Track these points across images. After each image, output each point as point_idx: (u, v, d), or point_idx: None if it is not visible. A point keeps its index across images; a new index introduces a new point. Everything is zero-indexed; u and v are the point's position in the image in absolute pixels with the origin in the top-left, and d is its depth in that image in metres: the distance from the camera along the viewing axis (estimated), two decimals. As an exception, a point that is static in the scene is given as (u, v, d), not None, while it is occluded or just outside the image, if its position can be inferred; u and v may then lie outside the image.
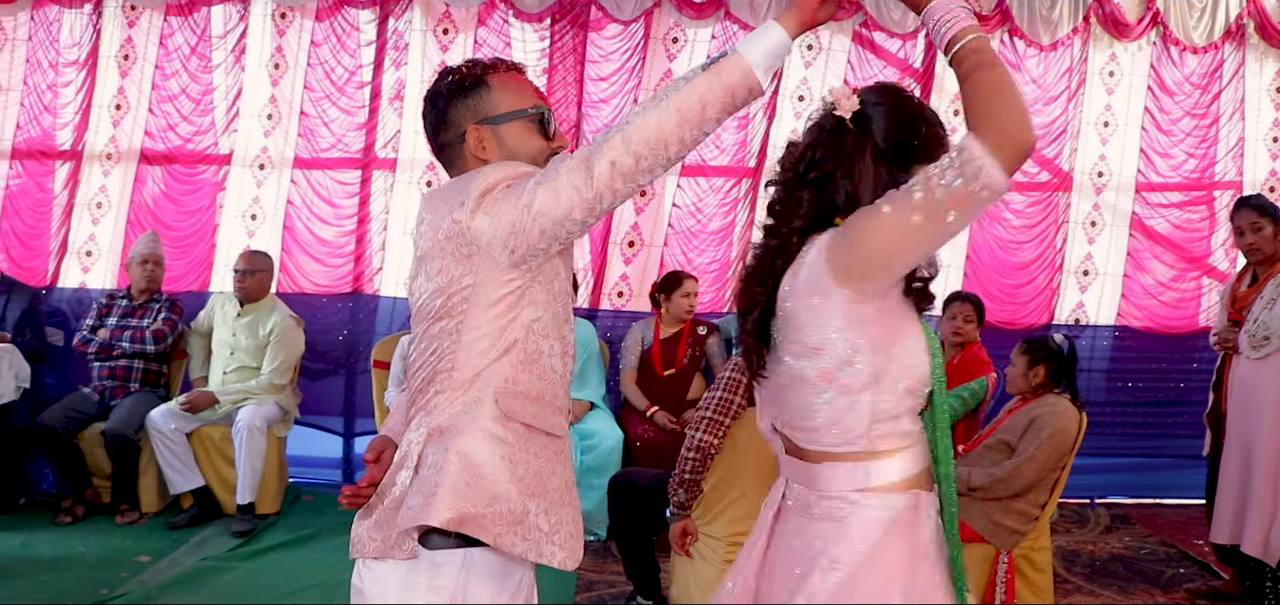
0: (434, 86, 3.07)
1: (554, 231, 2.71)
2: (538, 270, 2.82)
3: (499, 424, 2.79)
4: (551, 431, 2.89)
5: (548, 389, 2.90)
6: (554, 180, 2.70)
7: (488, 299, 2.81)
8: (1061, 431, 5.57)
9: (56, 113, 8.80)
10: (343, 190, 8.86)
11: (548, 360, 2.90)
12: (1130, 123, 9.13)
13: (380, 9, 8.81)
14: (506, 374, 2.82)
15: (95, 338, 7.91)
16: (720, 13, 8.77)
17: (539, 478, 2.83)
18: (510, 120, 2.99)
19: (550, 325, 2.90)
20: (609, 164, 2.64)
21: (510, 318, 2.82)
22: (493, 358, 2.82)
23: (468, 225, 2.76)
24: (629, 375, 8.11)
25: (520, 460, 2.80)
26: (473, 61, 3.08)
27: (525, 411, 2.83)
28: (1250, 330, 5.96)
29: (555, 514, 2.85)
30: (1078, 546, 7.74)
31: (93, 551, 7.04)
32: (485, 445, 2.77)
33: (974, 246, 9.02)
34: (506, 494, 2.76)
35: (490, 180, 2.79)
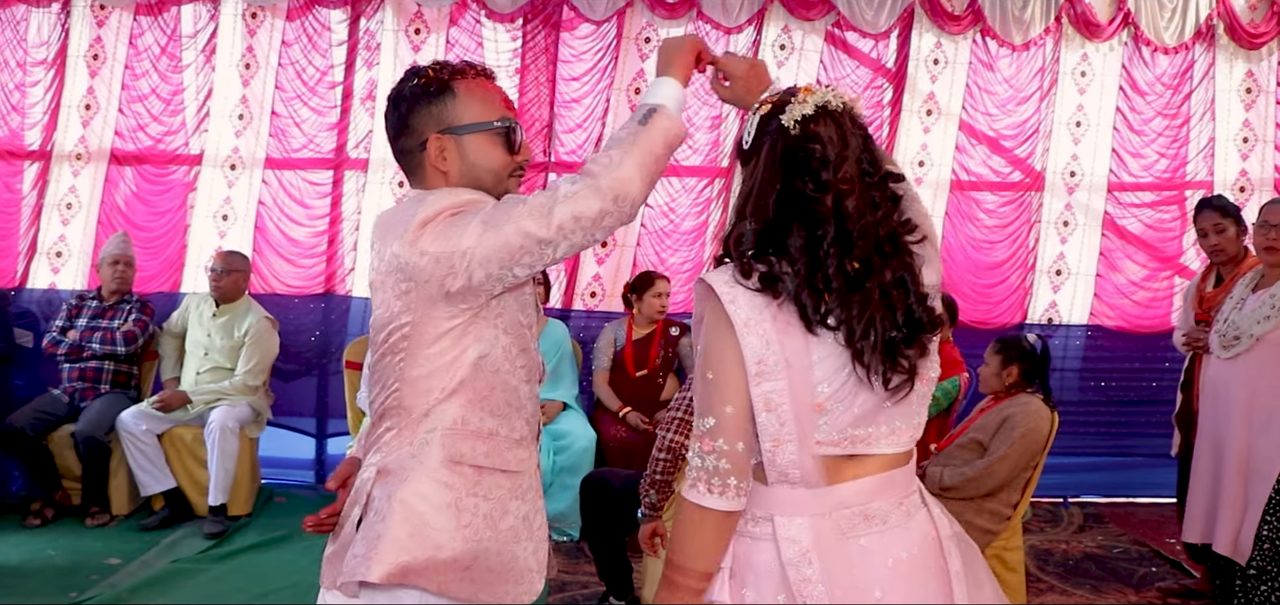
0: (398, 88, 2.97)
1: (498, 274, 2.64)
2: (481, 307, 2.75)
3: (446, 469, 2.75)
4: (506, 469, 2.84)
5: (503, 424, 2.84)
6: (503, 224, 2.61)
7: (429, 336, 2.74)
8: (1033, 431, 5.59)
9: (25, 113, 8.74)
10: (314, 191, 8.83)
11: (501, 395, 2.83)
12: (1102, 123, 9.16)
13: (351, 9, 8.77)
14: (456, 414, 2.77)
15: (65, 339, 7.86)
16: (692, 12, 8.77)
17: (490, 520, 2.79)
18: (474, 132, 2.88)
19: (501, 360, 2.83)
20: (572, 214, 2.56)
21: (454, 356, 2.75)
22: (439, 398, 2.76)
23: (405, 259, 2.68)
24: (601, 376, 8.11)
25: (468, 507, 2.76)
26: (440, 65, 2.96)
27: (475, 453, 2.78)
28: (1220, 330, 5.98)
29: (509, 551, 2.82)
30: (1051, 546, 7.75)
31: (62, 554, 7.00)
32: (431, 493, 2.73)
33: (947, 246, 9.02)
34: (450, 544, 2.72)
35: (431, 210, 2.70)
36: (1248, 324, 5.78)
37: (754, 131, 2.59)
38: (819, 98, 2.52)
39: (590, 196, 2.54)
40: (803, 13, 8.80)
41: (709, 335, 2.48)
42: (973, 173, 9.06)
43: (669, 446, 5.05)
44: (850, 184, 2.47)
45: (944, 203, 9.08)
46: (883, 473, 2.52)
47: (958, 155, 9.05)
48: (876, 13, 8.80)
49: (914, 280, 2.51)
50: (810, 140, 2.48)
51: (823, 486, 2.46)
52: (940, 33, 8.95)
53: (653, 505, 5.17)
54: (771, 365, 2.40)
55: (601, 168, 2.59)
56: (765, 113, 2.59)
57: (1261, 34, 9.05)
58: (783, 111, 2.53)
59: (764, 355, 2.40)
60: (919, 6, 8.87)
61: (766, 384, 2.41)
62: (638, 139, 2.64)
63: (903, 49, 8.96)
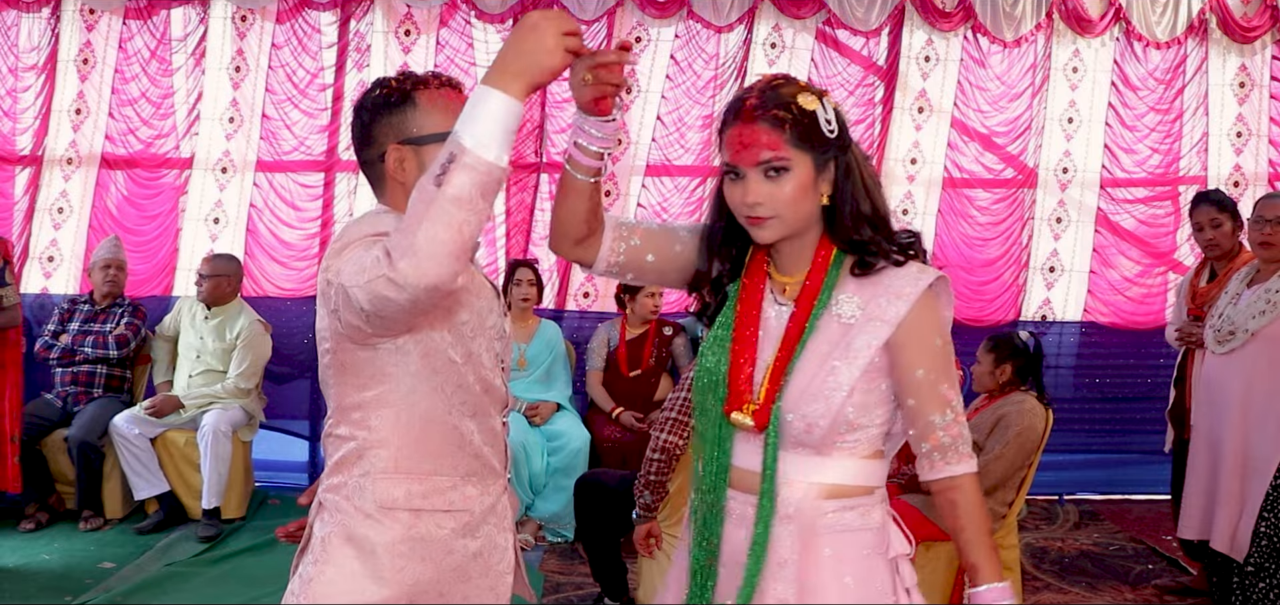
0: (360, 98, 2.89)
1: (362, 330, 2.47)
2: (402, 346, 2.65)
3: (381, 514, 2.68)
4: (449, 509, 2.74)
5: (443, 463, 2.73)
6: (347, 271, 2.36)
7: (350, 366, 2.68)
8: (1028, 429, 5.58)
9: (16, 118, 8.72)
10: (306, 193, 8.81)
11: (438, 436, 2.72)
12: (1094, 118, 9.15)
13: (341, 11, 8.75)
14: (388, 459, 2.69)
15: (57, 343, 7.85)
16: (683, 12, 8.75)
17: (430, 558, 2.71)
18: (433, 142, 2.68)
19: (433, 401, 2.71)
20: (380, 296, 2.25)
21: (375, 395, 2.67)
22: (369, 441, 2.69)
23: (320, 280, 2.59)
24: (595, 376, 8.09)
25: (402, 551, 2.68)
26: (404, 75, 2.85)
27: (411, 498, 2.69)
28: (1215, 326, 5.97)
29: (455, 591, 2.76)
30: (1046, 543, 7.75)
31: (57, 558, 6.99)
32: (363, 535, 2.68)
33: (940, 244, 9.02)
34: (381, 591, 2.66)
35: (352, 236, 2.60)
36: (1243, 319, 5.77)
37: (837, 123, 2.55)
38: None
39: (392, 288, 2.23)
40: (793, 11, 8.78)
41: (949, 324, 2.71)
42: (965, 170, 9.04)
43: (663, 447, 5.04)
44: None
45: (937, 200, 9.06)
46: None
47: (950, 152, 9.03)
48: (867, 10, 8.79)
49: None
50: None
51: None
52: (931, 30, 8.94)
53: (647, 506, 5.16)
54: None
55: (397, 255, 2.22)
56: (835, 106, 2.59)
57: (1254, 28, 9.04)
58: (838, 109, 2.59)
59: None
60: (910, 4, 8.85)
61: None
62: (431, 210, 2.21)
63: (894, 46, 8.94)
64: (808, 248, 2.65)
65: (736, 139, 2.53)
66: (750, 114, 2.52)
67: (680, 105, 8.80)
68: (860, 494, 2.63)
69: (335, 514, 2.71)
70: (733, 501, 2.67)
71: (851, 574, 2.59)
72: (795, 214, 2.55)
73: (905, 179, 9.03)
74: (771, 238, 2.59)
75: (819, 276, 2.63)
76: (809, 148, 2.51)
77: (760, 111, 2.51)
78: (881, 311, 2.57)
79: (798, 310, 2.62)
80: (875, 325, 2.57)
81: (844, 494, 2.61)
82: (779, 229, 2.56)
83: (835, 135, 2.52)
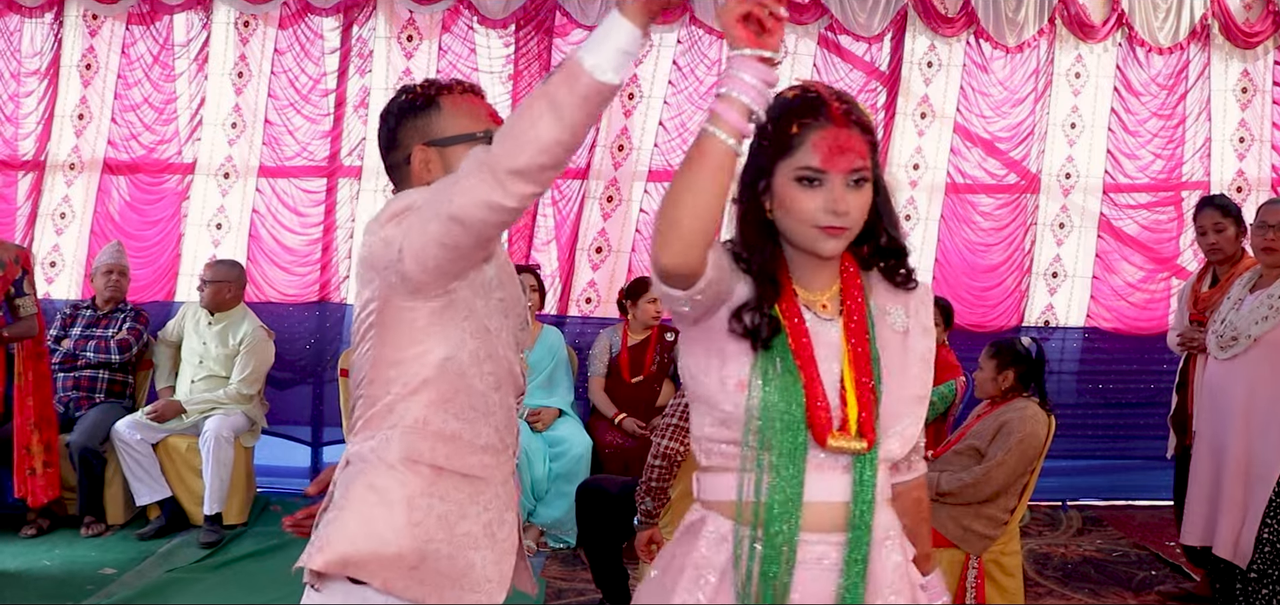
0: (387, 105, 3.03)
1: (427, 259, 2.58)
2: (448, 303, 2.75)
3: (403, 466, 2.76)
4: (468, 473, 2.84)
5: (467, 428, 2.83)
6: (424, 207, 2.57)
7: (394, 325, 2.76)
8: (1031, 436, 5.56)
9: (19, 123, 8.73)
10: (308, 198, 8.81)
11: (466, 399, 2.83)
12: (1097, 124, 9.15)
13: (344, 16, 8.76)
14: (417, 413, 2.78)
15: (59, 348, 7.85)
16: (685, 17, 8.75)
17: (444, 521, 2.78)
18: (457, 143, 2.90)
19: (468, 364, 2.82)
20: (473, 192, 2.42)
21: (417, 352, 2.76)
22: (402, 394, 2.78)
23: (368, 249, 2.73)
24: (597, 382, 8.08)
25: (421, 506, 2.75)
26: (428, 82, 3.02)
27: (435, 453, 2.78)
28: (1218, 331, 5.96)
29: (464, 557, 2.81)
30: (1049, 549, 7.73)
31: (58, 564, 6.98)
32: (386, 486, 2.75)
33: (943, 249, 9.03)
34: (397, 540, 2.72)
35: (399, 205, 2.72)
36: (1246, 325, 5.76)
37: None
38: None
39: (487, 177, 2.39)
40: (796, 16, 8.77)
41: None
42: (968, 175, 9.04)
43: (664, 453, 5.04)
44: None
45: (939, 206, 9.06)
46: None
47: (952, 158, 9.03)
48: (870, 16, 8.79)
49: None
50: None
51: None
52: (934, 35, 8.94)
53: (649, 512, 5.15)
54: None
55: (501, 140, 2.40)
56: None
57: (1257, 33, 9.04)
58: None
59: None
60: (912, 9, 8.85)
61: None
62: (536, 105, 2.35)
63: (896, 52, 8.94)
64: (834, 262, 2.52)
65: (831, 143, 2.37)
66: (843, 119, 2.39)
67: (682, 110, 8.80)
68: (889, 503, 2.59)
69: (359, 465, 2.79)
70: (806, 546, 2.43)
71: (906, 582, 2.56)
72: (860, 226, 2.45)
73: (908, 184, 9.02)
74: (838, 250, 2.45)
75: (855, 288, 2.53)
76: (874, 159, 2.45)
77: (851, 117, 2.41)
78: (922, 320, 2.57)
79: (852, 325, 2.49)
80: (923, 333, 2.57)
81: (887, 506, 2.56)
82: (846, 241, 2.45)
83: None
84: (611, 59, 2.29)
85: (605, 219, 8.94)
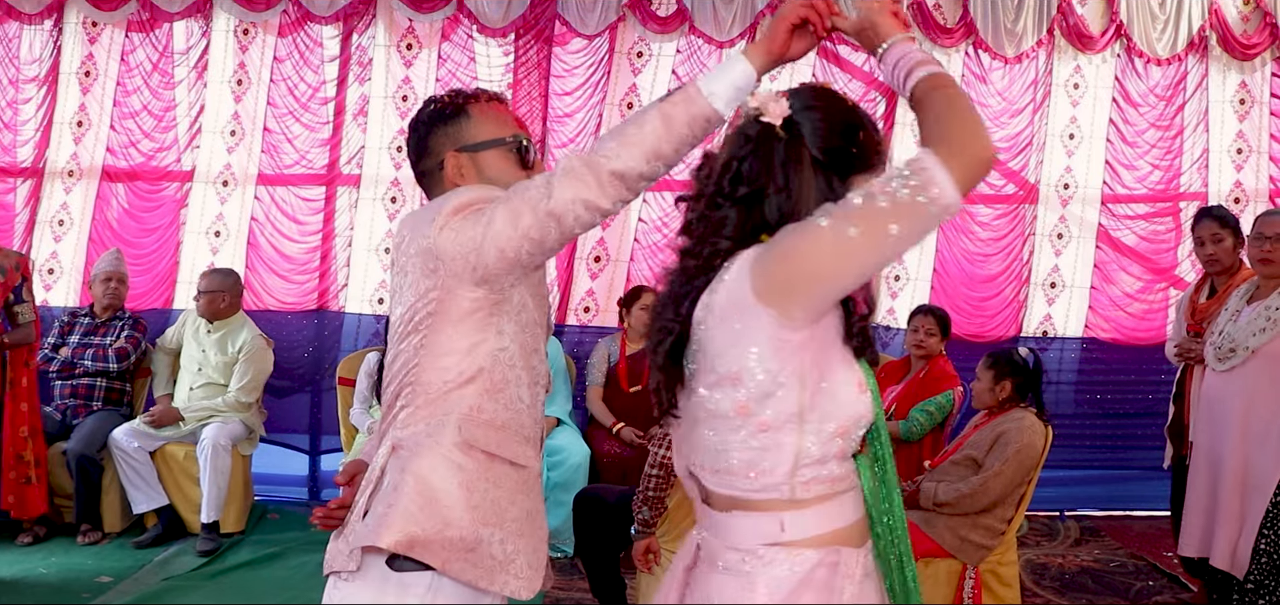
0: (416, 115, 3.14)
1: (513, 253, 2.72)
2: (504, 297, 2.84)
3: (459, 451, 2.81)
4: (515, 461, 2.91)
5: (514, 418, 2.92)
6: (513, 200, 2.71)
7: (454, 316, 2.82)
8: (1028, 446, 5.57)
9: (17, 130, 8.73)
10: (307, 207, 8.81)
11: (515, 390, 2.92)
12: (1095, 135, 9.16)
13: (343, 24, 8.76)
14: (472, 401, 2.84)
15: (57, 356, 7.85)
16: (685, 27, 8.76)
17: (496, 506, 2.85)
18: (488, 148, 3.04)
19: (517, 356, 2.91)
20: (572, 190, 2.63)
21: (476, 341, 2.84)
22: (458, 382, 2.84)
23: (435, 241, 2.78)
24: (595, 391, 8.08)
25: (477, 488, 2.82)
26: (456, 91, 3.14)
27: (488, 440, 2.85)
28: (1216, 343, 5.96)
29: (512, 544, 2.87)
30: (1047, 559, 7.73)
31: (54, 572, 6.97)
32: (443, 470, 2.80)
33: (941, 259, 9.04)
34: (459, 521, 2.78)
35: (462, 200, 2.82)
36: (1243, 336, 5.76)
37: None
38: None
39: (588, 175, 2.62)
40: (795, 26, 8.77)
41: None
42: (966, 186, 9.01)
43: (661, 463, 5.05)
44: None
45: (938, 215, 9.03)
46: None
47: (951, 168, 9.00)
48: (869, 29, 8.78)
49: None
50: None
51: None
52: (933, 45, 8.92)
53: (646, 522, 5.16)
54: None
55: (605, 144, 2.66)
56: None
57: (1254, 45, 9.05)
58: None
59: None
60: (912, 19, 8.84)
61: None
62: (651, 115, 2.65)
63: (898, 62, 8.91)
64: None
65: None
66: None
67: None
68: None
69: (414, 450, 2.83)
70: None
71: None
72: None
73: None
74: None
75: None
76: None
77: None
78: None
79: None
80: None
81: None
82: None
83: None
84: (727, 92, 2.61)
85: (604, 228, 8.91)
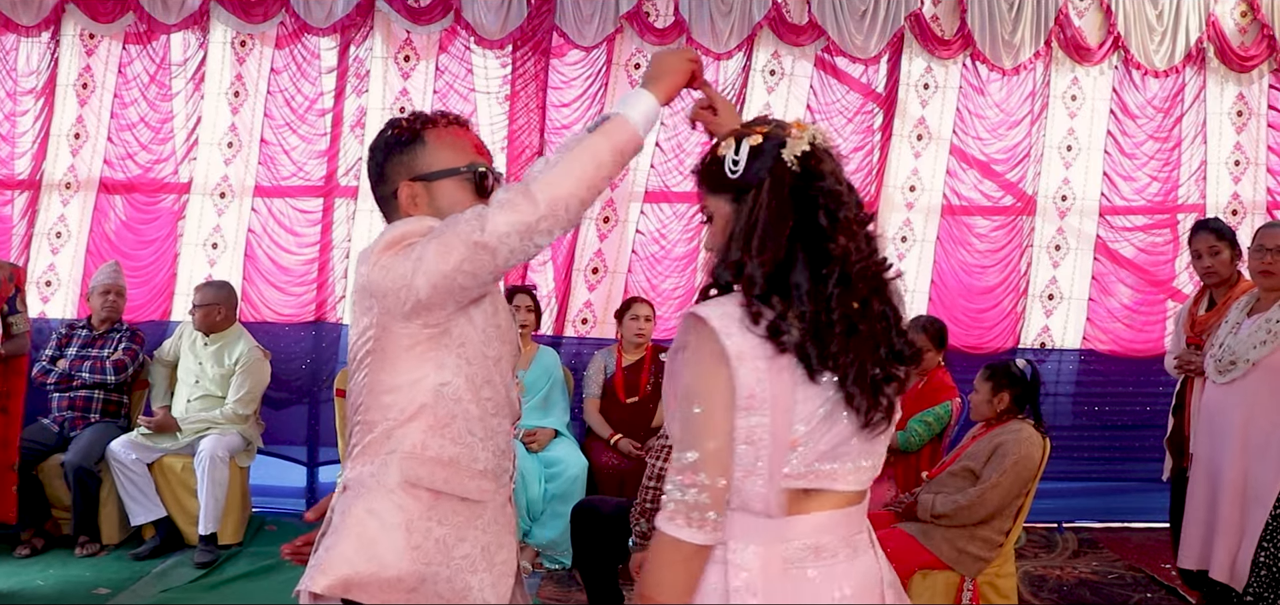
0: (375, 139, 3.10)
1: (446, 286, 2.70)
2: (443, 331, 2.82)
3: (402, 491, 2.80)
4: (465, 496, 2.88)
5: (464, 453, 2.88)
6: (445, 233, 2.69)
7: (392, 353, 2.81)
8: (1025, 458, 5.57)
9: (14, 142, 8.71)
10: (304, 218, 8.80)
11: (463, 425, 2.88)
12: (1093, 146, 9.16)
13: (341, 36, 8.76)
14: (416, 439, 2.83)
15: (55, 368, 7.84)
16: (682, 39, 8.76)
17: (443, 546, 2.83)
18: (443, 178, 2.99)
19: (464, 390, 2.88)
20: (507, 222, 2.61)
21: (415, 378, 2.82)
22: (400, 420, 2.83)
23: (368, 278, 2.78)
24: (592, 403, 8.09)
25: (419, 528, 2.80)
26: (414, 115, 3.09)
27: (433, 477, 2.83)
28: (1216, 355, 5.96)
29: (463, 580, 2.85)
30: (1045, 571, 7.73)
31: (52, 584, 6.96)
32: (385, 510, 2.79)
33: (938, 271, 9.04)
34: (397, 563, 2.77)
35: (395, 235, 2.80)
36: (1244, 348, 5.76)
37: (744, 161, 2.47)
38: (813, 134, 2.48)
39: (524, 204, 2.61)
40: (792, 38, 8.80)
41: (698, 367, 2.39)
42: (964, 197, 9.05)
43: (659, 474, 5.05)
44: (857, 224, 2.45)
45: (935, 227, 9.07)
46: (840, 509, 2.48)
47: (949, 180, 9.03)
48: (866, 38, 8.80)
49: (897, 316, 2.49)
50: (817, 178, 2.44)
51: (781, 517, 2.41)
52: (930, 57, 8.95)
53: (644, 534, 5.16)
54: (760, 400, 2.33)
55: (539, 175, 2.66)
56: (756, 144, 2.48)
57: (1252, 57, 9.06)
58: (781, 145, 2.46)
59: (754, 390, 2.33)
60: (909, 31, 8.86)
61: (753, 418, 2.34)
62: (582, 145, 2.70)
63: (893, 74, 8.95)
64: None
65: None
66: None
67: (679, 132, 8.80)
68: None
69: (357, 490, 2.83)
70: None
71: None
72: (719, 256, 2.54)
73: (904, 206, 9.05)
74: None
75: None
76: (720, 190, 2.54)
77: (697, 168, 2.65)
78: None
79: None
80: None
81: None
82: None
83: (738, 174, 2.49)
84: (645, 122, 2.83)
85: (602, 239, 8.94)
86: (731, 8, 8.75)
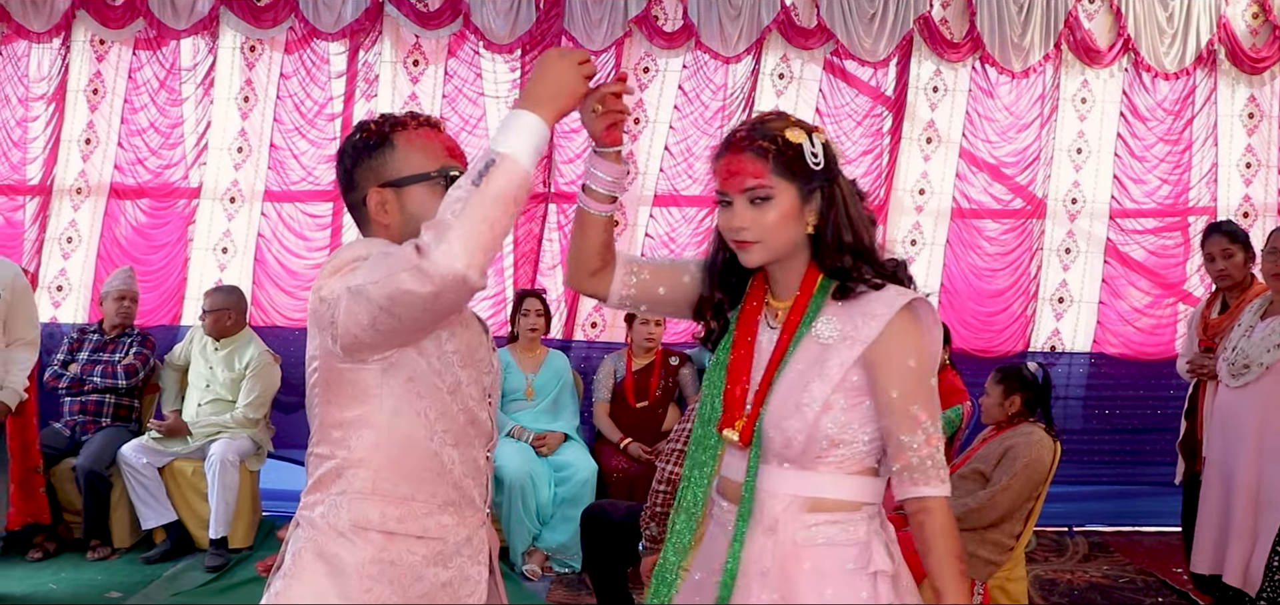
0: (343, 144, 2.94)
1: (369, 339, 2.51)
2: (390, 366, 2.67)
3: (352, 534, 2.69)
4: (423, 535, 2.74)
5: (421, 490, 2.74)
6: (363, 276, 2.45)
7: (335, 386, 2.70)
8: (1036, 461, 5.56)
9: (25, 148, 8.75)
10: (313, 223, 8.81)
11: (418, 460, 2.73)
12: (1103, 149, 9.14)
13: (350, 41, 8.78)
14: (366, 478, 2.70)
15: (66, 373, 7.84)
16: (691, 42, 8.76)
17: (397, 586, 2.70)
18: (413, 183, 2.80)
19: (416, 426, 2.72)
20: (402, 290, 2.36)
21: (359, 414, 2.69)
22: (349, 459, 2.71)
23: (313, 303, 2.64)
24: (602, 407, 8.07)
25: (370, 573, 2.68)
26: (383, 118, 2.90)
27: (385, 519, 2.70)
28: (1229, 359, 5.94)
29: None
30: (1056, 575, 7.71)
31: (64, 588, 6.96)
32: (334, 553, 2.69)
33: (948, 274, 9.02)
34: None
35: (343, 258, 2.62)
36: (1257, 352, 5.75)
37: (824, 157, 2.67)
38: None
39: (417, 279, 2.34)
40: (801, 42, 8.80)
41: (931, 347, 2.71)
42: (974, 200, 9.04)
43: (669, 478, 5.03)
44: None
45: (945, 230, 9.06)
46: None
47: (958, 183, 9.03)
48: (875, 41, 8.80)
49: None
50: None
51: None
52: (939, 60, 8.94)
53: (653, 538, 5.14)
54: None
55: (430, 244, 2.34)
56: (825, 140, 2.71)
57: (1263, 59, 9.04)
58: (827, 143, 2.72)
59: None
60: (918, 34, 8.86)
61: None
62: (469, 206, 2.36)
63: (902, 77, 8.95)
64: (796, 273, 2.78)
65: (724, 167, 2.70)
66: (738, 144, 2.68)
67: (688, 135, 8.80)
68: (845, 509, 2.72)
69: (309, 530, 2.73)
70: (718, 508, 2.87)
71: (832, 588, 2.65)
72: (779, 240, 2.69)
73: (913, 209, 9.04)
74: (757, 261, 2.74)
75: (805, 300, 2.74)
76: (792, 177, 2.65)
77: (747, 142, 2.67)
78: (856, 331, 2.65)
79: (783, 333, 2.76)
80: (849, 344, 2.65)
81: (827, 508, 2.70)
82: (763, 254, 2.71)
83: (820, 167, 2.65)
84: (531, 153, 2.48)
85: (611, 243, 8.91)
86: (740, 11, 8.75)
